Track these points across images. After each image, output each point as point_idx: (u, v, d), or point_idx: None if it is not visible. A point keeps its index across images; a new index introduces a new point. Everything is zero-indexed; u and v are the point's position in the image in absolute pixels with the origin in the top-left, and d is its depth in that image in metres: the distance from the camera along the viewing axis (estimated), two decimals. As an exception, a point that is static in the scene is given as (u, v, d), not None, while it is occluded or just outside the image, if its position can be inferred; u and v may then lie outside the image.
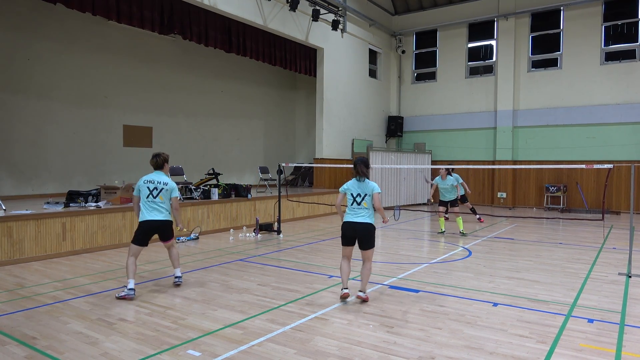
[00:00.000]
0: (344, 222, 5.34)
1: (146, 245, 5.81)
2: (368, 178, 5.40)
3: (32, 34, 11.84)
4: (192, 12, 11.96)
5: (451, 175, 10.80)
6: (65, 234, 7.97)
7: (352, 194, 5.34)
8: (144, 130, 14.53)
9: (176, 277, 6.02)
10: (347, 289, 5.28)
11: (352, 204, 5.32)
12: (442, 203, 10.87)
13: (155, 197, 5.78)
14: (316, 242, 9.54)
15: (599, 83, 15.85)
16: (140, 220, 5.81)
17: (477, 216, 12.37)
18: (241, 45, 13.45)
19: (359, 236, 5.25)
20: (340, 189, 5.50)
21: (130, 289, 5.43)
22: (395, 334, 4.32)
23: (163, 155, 6.08)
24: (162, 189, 5.82)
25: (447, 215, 11.54)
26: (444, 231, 10.86)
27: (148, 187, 5.83)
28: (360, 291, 5.26)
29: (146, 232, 5.78)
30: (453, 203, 10.73)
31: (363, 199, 5.29)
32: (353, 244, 5.31)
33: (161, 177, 5.89)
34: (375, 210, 5.39)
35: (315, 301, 5.37)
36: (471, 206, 12.64)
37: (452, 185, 10.61)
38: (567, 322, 4.66)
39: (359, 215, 5.27)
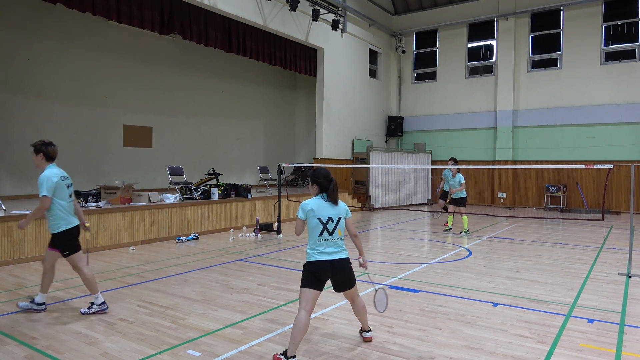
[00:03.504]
0: (314, 262, 3.75)
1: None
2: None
3: (32, 34, 11.84)
4: (192, 12, 11.96)
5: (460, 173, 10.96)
6: (65, 234, 7.96)
7: (319, 219, 3.78)
8: (144, 130, 14.53)
9: (91, 303, 4.86)
10: (295, 357, 3.62)
11: (321, 234, 3.77)
12: (454, 201, 10.94)
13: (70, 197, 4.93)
14: (316, 242, 9.52)
15: (599, 83, 15.85)
16: (71, 227, 4.88)
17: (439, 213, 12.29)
18: (241, 45, 13.45)
19: (339, 279, 3.88)
20: (299, 214, 3.86)
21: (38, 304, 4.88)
22: (395, 334, 4.32)
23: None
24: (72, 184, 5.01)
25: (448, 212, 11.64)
26: (450, 228, 11.06)
27: (67, 185, 4.89)
28: (366, 331, 4.19)
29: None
30: (460, 202, 10.79)
31: (337, 225, 3.82)
32: (322, 289, 3.81)
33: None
34: (353, 239, 4.08)
35: (315, 301, 5.36)
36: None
37: (459, 183, 10.71)
38: (567, 322, 4.66)
39: (337, 251, 3.80)
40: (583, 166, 7.42)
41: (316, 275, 3.75)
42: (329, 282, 3.88)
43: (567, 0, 16.11)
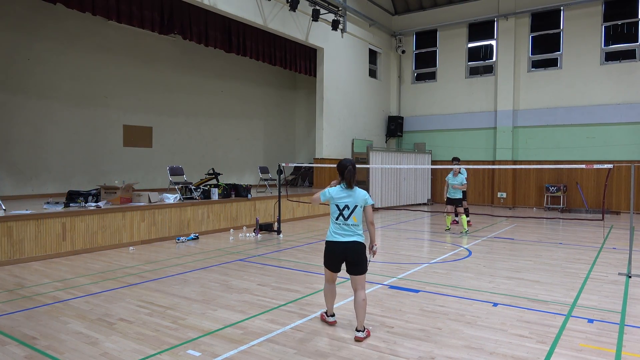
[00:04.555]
0: (329, 242, 4.31)
1: None
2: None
3: (32, 34, 11.84)
4: (192, 12, 11.96)
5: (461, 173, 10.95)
6: (65, 234, 7.97)
7: (337, 205, 4.27)
8: (144, 130, 14.53)
9: None
10: (334, 316, 4.54)
11: (337, 218, 4.27)
12: (450, 201, 10.91)
13: None
14: (316, 242, 9.53)
15: (599, 83, 15.85)
16: None
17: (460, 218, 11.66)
18: (241, 45, 13.45)
19: (349, 259, 4.25)
20: (321, 194, 4.38)
21: None
22: (395, 334, 4.32)
23: None
24: None
25: (457, 219, 11.60)
26: (450, 228, 11.12)
27: None
28: (358, 330, 4.21)
29: None
30: (457, 202, 10.79)
31: (352, 212, 4.23)
32: (340, 270, 4.39)
33: None
34: (368, 226, 4.41)
35: (315, 301, 5.36)
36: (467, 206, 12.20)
37: (461, 183, 10.71)
38: (567, 322, 4.66)
39: (350, 234, 4.23)
40: (583, 166, 7.42)
41: (331, 256, 4.34)
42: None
43: (567, 0, 16.11)
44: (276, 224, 10.73)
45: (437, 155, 18.95)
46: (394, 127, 19.45)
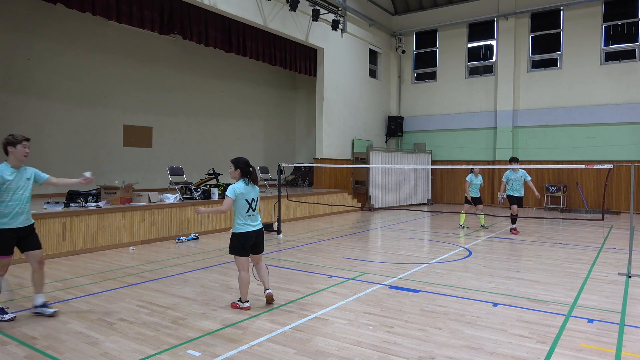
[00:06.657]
0: (244, 232, 4.94)
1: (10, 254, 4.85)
2: None
3: (32, 34, 11.84)
4: (192, 12, 11.96)
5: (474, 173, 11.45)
6: (65, 234, 7.97)
7: (246, 200, 4.98)
8: (144, 130, 14.53)
9: (37, 307, 4.78)
10: (248, 302, 5.08)
11: (247, 211, 4.97)
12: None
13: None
14: (316, 242, 9.54)
15: (599, 83, 15.85)
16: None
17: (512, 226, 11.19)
18: (241, 45, 13.45)
19: (257, 241, 5.09)
20: (231, 194, 4.91)
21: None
22: (395, 334, 4.32)
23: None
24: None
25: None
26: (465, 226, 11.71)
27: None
28: (269, 289, 5.19)
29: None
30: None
31: (256, 203, 5.09)
32: (249, 254, 5.12)
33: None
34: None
35: (315, 301, 5.36)
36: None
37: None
38: (567, 322, 4.66)
39: (258, 223, 5.08)
40: (583, 166, 7.41)
41: (244, 244, 4.95)
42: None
43: (567, 0, 16.11)
44: (276, 224, 10.73)
45: (437, 155, 18.95)
46: (394, 127, 19.45)
